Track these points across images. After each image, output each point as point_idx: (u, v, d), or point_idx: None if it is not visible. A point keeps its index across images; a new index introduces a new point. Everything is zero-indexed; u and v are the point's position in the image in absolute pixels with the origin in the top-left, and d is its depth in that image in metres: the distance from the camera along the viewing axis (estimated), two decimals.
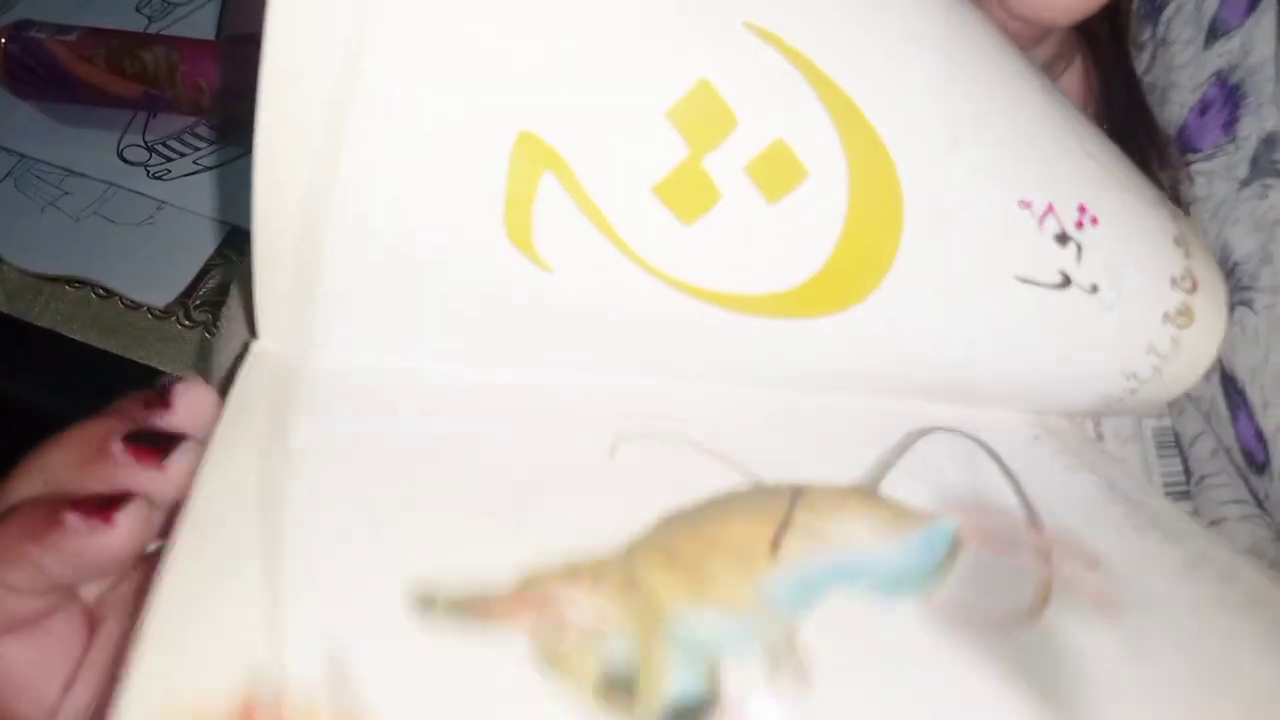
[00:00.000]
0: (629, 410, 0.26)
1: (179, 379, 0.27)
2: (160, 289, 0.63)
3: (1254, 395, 0.31)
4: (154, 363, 0.61)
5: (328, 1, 0.21)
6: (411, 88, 0.22)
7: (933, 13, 0.25)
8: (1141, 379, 0.29)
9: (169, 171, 0.66)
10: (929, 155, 0.24)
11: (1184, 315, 0.28)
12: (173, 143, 0.68)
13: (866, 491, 0.26)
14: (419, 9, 0.21)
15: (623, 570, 0.21)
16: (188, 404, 0.26)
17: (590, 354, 0.26)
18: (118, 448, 0.24)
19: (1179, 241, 0.29)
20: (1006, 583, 0.24)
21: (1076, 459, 0.30)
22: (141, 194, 0.66)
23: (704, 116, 0.22)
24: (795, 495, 0.24)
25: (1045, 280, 0.26)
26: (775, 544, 0.23)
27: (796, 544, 0.23)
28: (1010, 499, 0.27)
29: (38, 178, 0.67)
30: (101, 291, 0.63)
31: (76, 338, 0.63)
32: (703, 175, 0.23)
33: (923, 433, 0.28)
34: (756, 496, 0.24)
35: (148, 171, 0.67)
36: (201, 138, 0.68)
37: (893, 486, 0.26)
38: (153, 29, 0.72)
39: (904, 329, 0.26)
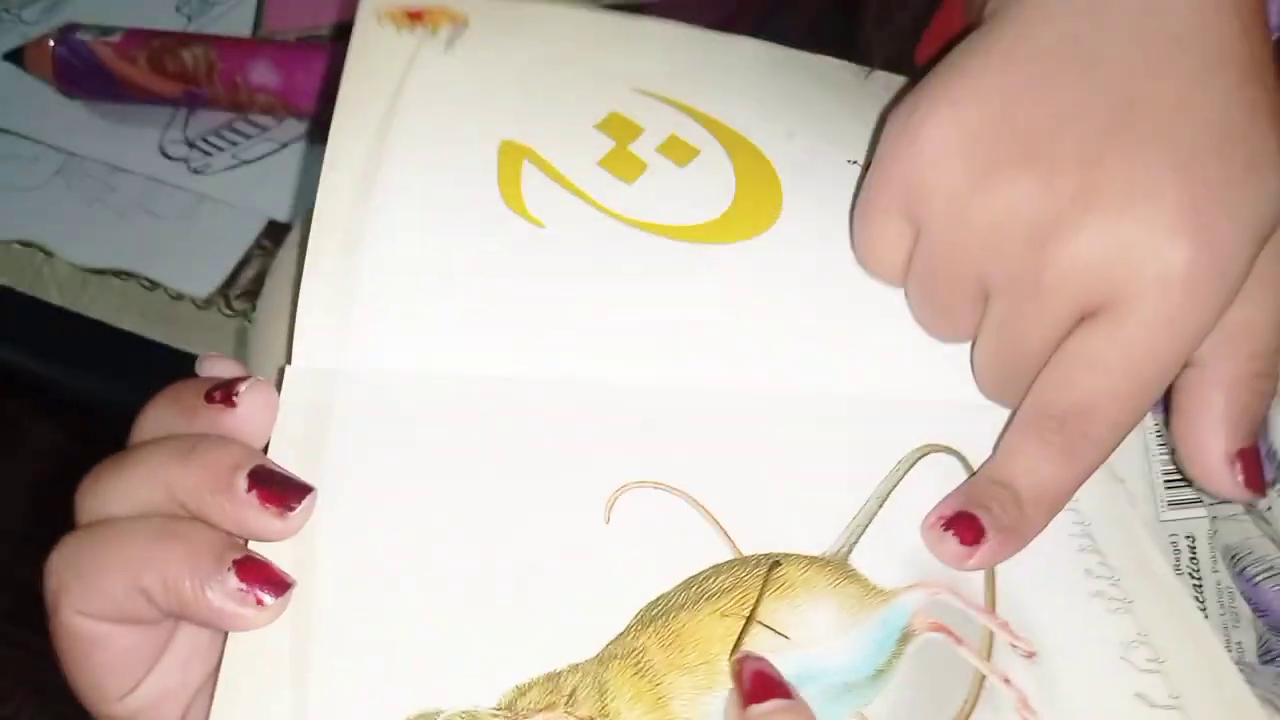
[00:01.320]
0: (633, 451, 0.29)
1: (241, 379, 0.27)
2: (202, 279, 0.66)
3: (1273, 415, 0.32)
4: (197, 349, 0.64)
5: (382, 61, 0.35)
6: (427, 119, 0.34)
7: (764, 62, 0.39)
8: None
9: (209, 166, 0.69)
10: (777, 140, 0.36)
11: None
12: (212, 138, 0.70)
13: (837, 564, 0.28)
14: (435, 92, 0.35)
15: (595, 677, 0.25)
16: (252, 406, 0.27)
17: (578, 298, 0.32)
18: (243, 485, 0.25)
19: None
20: (941, 686, 0.26)
21: None
22: (183, 188, 0.69)
23: (620, 126, 0.35)
24: (770, 572, 0.27)
25: None
26: (736, 653, 0.26)
27: (757, 649, 0.26)
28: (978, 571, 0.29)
29: (85, 174, 0.70)
30: (146, 283, 0.66)
31: (124, 327, 0.65)
32: (630, 154, 0.35)
33: (919, 455, 0.31)
34: (733, 576, 0.27)
35: (189, 166, 0.69)
36: (240, 133, 0.70)
37: (867, 552, 0.29)
38: (191, 28, 0.75)
39: (805, 246, 0.34)
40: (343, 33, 0.72)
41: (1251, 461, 0.29)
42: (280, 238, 0.66)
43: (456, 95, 0.35)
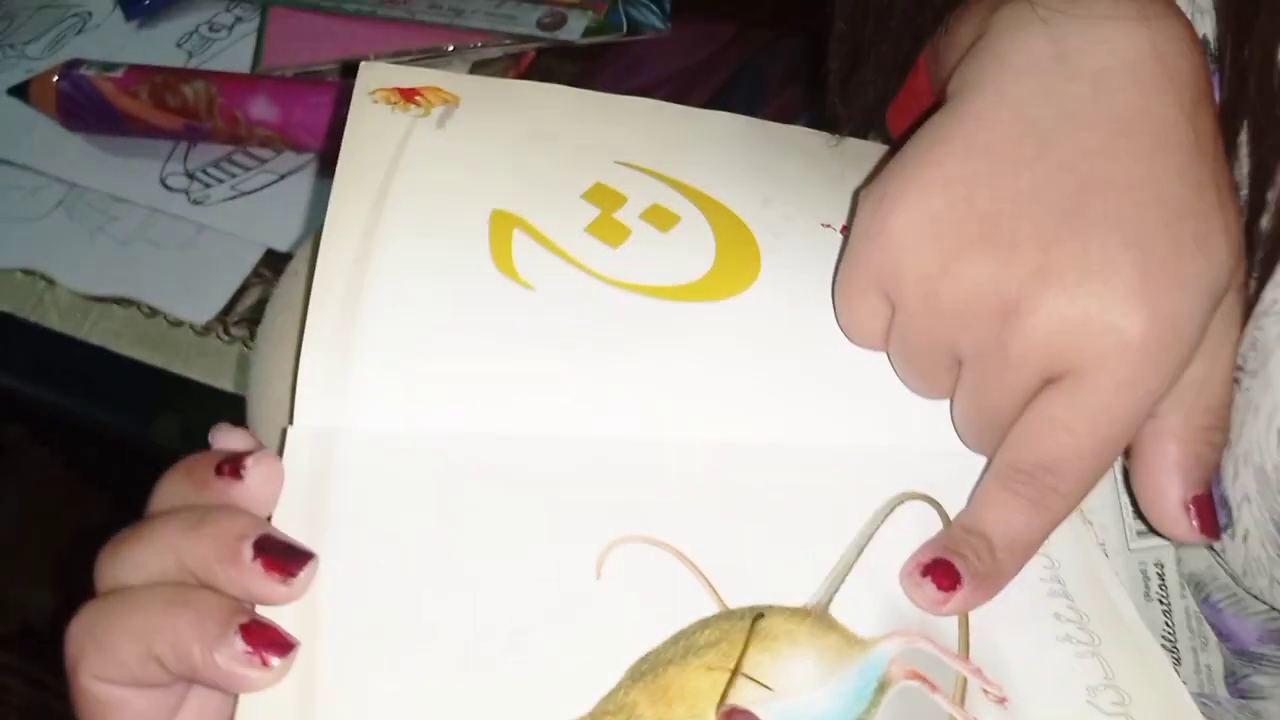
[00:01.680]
0: (622, 507, 0.31)
1: (248, 452, 0.29)
2: (200, 307, 0.67)
3: (1224, 465, 0.33)
4: (196, 375, 0.66)
5: (378, 137, 0.37)
6: (422, 190, 0.36)
7: (739, 135, 0.41)
8: None
9: (208, 197, 0.71)
10: (753, 206, 0.38)
11: None
12: (211, 170, 0.72)
13: (818, 614, 0.30)
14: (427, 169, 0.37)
15: None
16: (258, 478, 0.29)
17: (569, 356, 0.33)
18: (248, 554, 0.27)
19: None
20: None
21: None
22: (183, 218, 0.70)
23: (604, 195, 0.37)
24: (754, 624, 0.29)
25: None
26: (722, 706, 0.27)
27: (742, 702, 0.27)
28: (952, 616, 0.31)
29: (87, 205, 0.71)
30: (146, 310, 0.68)
31: (124, 353, 0.67)
32: (615, 221, 0.37)
33: (896, 503, 0.32)
34: (719, 630, 0.29)
35: (189, 197, 0.71)
36: (239, 165, 0.72)
37: (846, 601, 0.30)
38: (192, 64, 0.76)
39: (785, 305, 0.36)
40: (348, 70, 0.74)
41: (1205, 507, 0.31)
42: (278, 266, 0.67)
43: (449, 169, 0.37)
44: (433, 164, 0.37)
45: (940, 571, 0.30)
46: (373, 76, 0.39)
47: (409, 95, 0.39)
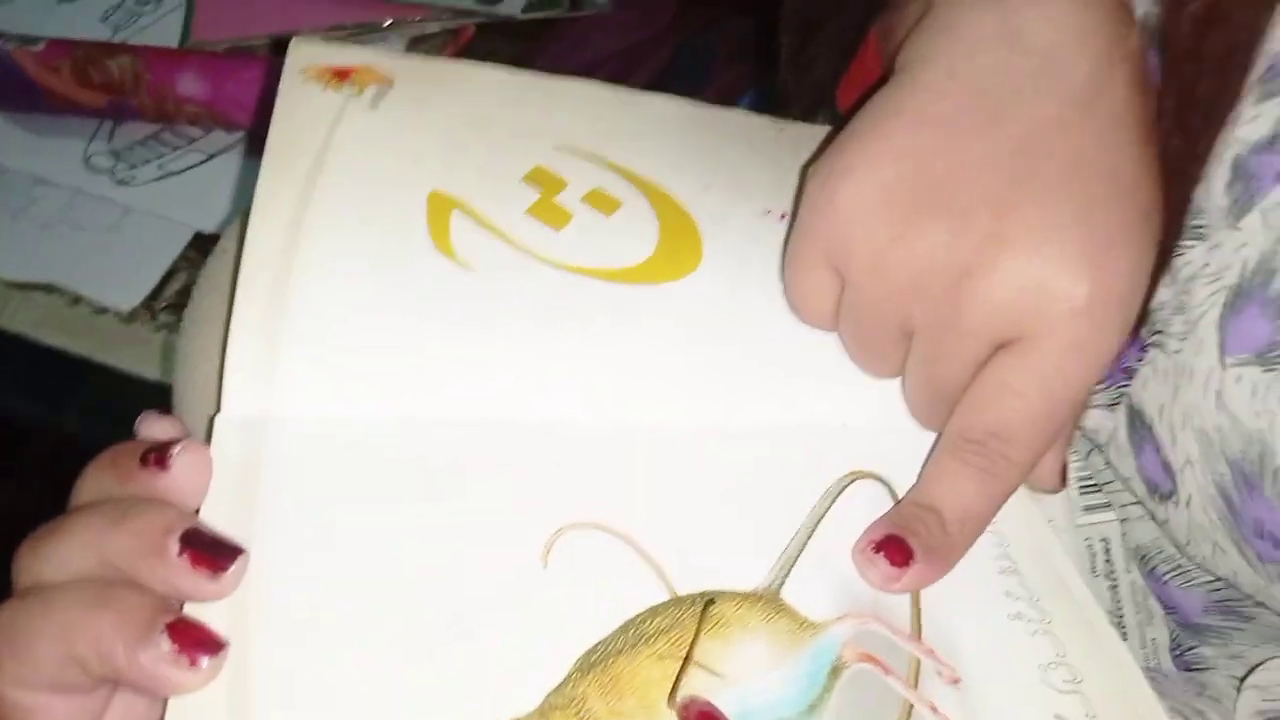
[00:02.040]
0: (567, 493, 0.30)
1: (174, 441, 0.27)
2: (127, 293, 0.65)
3: (1161, 431, 0.33)
4: (121, 365, 0.64)
5: (309, 117, 0.36)
6: (354, 171, 0.35)
7: (680, 119, 0.41)
8: None
9: (134, 178, 0.69)
10: (694, 192, 0.38)
11: None
12: (138, 149, 0.70)
13: (769, 598, 0.29)
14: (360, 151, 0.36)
15: None
16: (184, 468, 0.27)
17: (510, 335, 0.32)
18: (174, 548, 0.25)
19: None
20: (872, 715, 0.27)
21: None
22: (108, 200, 0.68)
23: (545, 178, 0.37)
24: (704, 611, 0.28)
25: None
26: (674, 695, 0.27)
27: (694, 691, 0.27)
28: (902, 595, 0.30)
29: (6, 187, 0.68)
30: (69, 296, 0.65)
31: (46, 342, 0.65)
32: (556, 205, 0.36)
33: (846, 482, 0.32)
34: (669, 617, 0.28)
35: (114, 178, 0.69)
36: (166, 144, 0.70)
37: (798, 584, 0.29)
38: (118, 38, 0.74)
39: (726, 290, 0.35)
40: (280, 46, 0.72)
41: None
42: (206, 249, 0.64)
43: (383, 149, 0.36)
44: (366, 146, 0.35)
45: (893, 548, 0.29)
46: (304, 54, 0.38)
47: (341, 75, 0.37)
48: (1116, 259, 0.29)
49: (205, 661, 0.25)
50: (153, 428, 0.29)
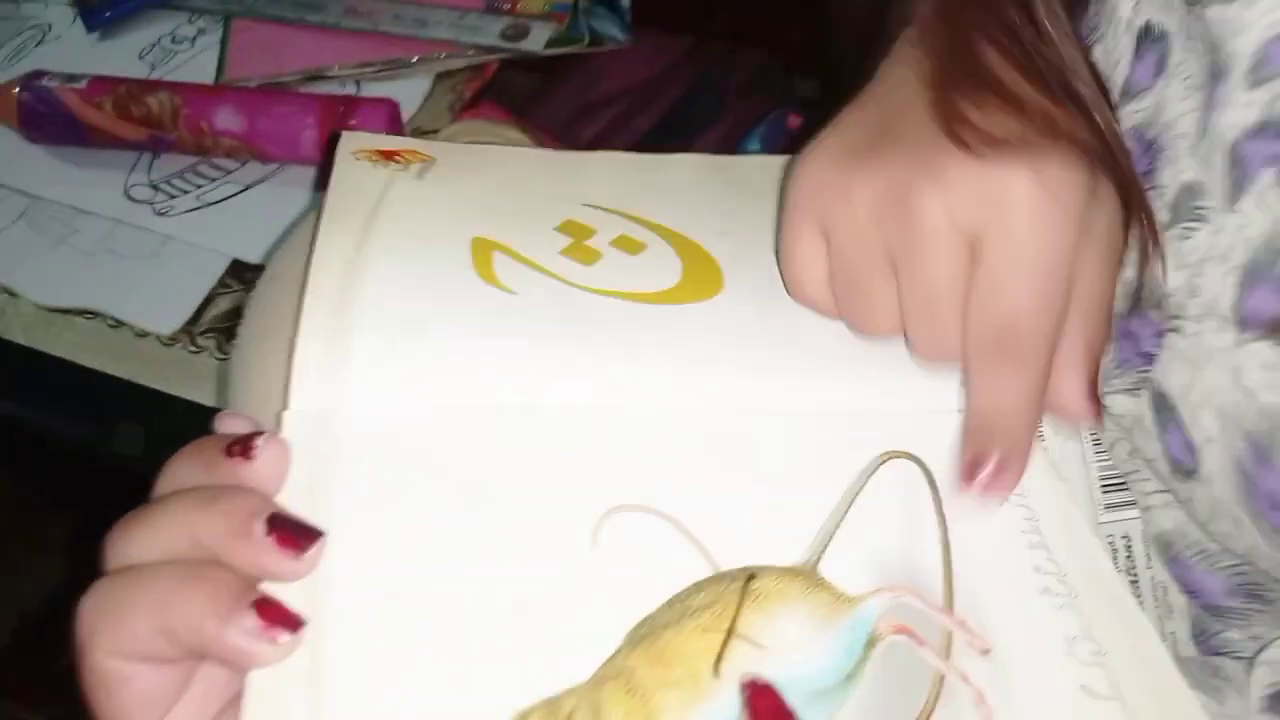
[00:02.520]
0: (616, 477, 0.32)
1: (258, 434, 0.29)
2: (167, 318, 0.67)
3: (1184, 411, 0.35)
4: (162, 387, 0.65)
5: (361, 183, 0.40)
6: (405, 221, 0.38)
7: (695, 175, 0.45)
8: None
9: (173, 208, 0.71)
10: (712, 236, 0.41)
11: None
12: (176, 181, 0.72)
13: (808, 572, 0.31)
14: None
15: (591, 699, 0.27)
16: (268, 459, 0.29)
17: (554, 335, 0.35)
18: (261, 530, 0.27)
19: None
20: (905, 686, 0.29)
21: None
22: (148, 229, 0.70)
23: (575, 228, 0.40)
24: (746, 585, 0.30)
25: None
26: (718, 665, 0.28)
27: (738, 661, 0.28)
28: (935, 569, 0.32)
29: (50, 217, 0.71)
30: (112, 321, 0.67)
31: (89, 365, 0.66)
32: (587, 248, 0.39)
33: (880, 462, 0.34)
34: (713, 592, 0.30)
35: (153, 209, 0.71)
36: (203, 175, 0.72)
37: (834, 559, 0.31)
38: (155, 75, 0.76)
39: (752, 309, 0.37)
40: (311, 79, 0.75)
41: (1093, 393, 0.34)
42: (244, 276, 0.67)
43: (430, 207, 0.40)
44: (414, 203, 0.39)
45: (979, 466, 0.32)
46: (353, 141, 0.42)
47: (389, 155, 0.42)
48: (1044, 161, 0.32)
49: (285, 637, 0.26)
50: (231, 424, 0.31)
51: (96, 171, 0.72)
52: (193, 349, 0.66)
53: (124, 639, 0.27)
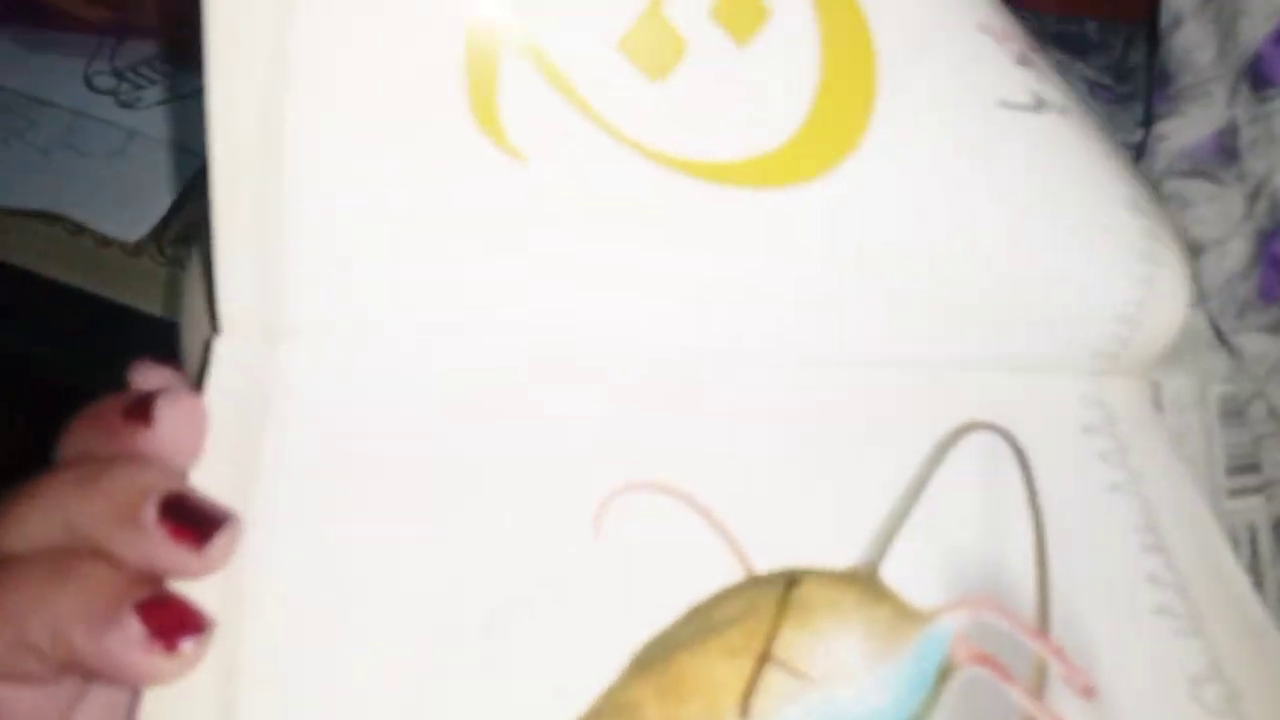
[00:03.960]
0: (625, 445, 0.25)
1: (159, 392, 0.24)
2: (132, 223, 0.61)
3: None
4: (127, 300, 0.60)
5: None
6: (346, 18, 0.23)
7: None
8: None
9: (140, 100, 0.64)
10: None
11: None
12: (143, 69, 0.65)
13: (865, 578, 0.24)
14: None
15: None
16: (173, 423, 0.24)
17: (564, 253, 0.26)
18: (151, 515, 0.22)
19: None
20: None
21: (1123, 470, 0.27)
22: (111, 123, 0.64)
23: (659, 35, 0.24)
24: (786, 594, 0.23)
25: (1022, 101, 0.26)
26: (747, 701, 0.22)
27: (773, 696, 0.22)
28: (1027, 577, 0.25)
29: (3, 108, 0.64)
30: (71, 227, 0.61)
31: (47, 275, 0.61)
32: (667, 24, 0.24)
33: (957, 436, 0.26)
34: (744, 601, 0.23)
35: (117, 100, 0.64)
36: (173, 65, 0.65)
37: (899, 561, 0.24)
38: None
39: (898, 179, 0.25)
40: None
41: None
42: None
43: None
44: None
45: None
46: None
47: None
48: None
49: (187, 645, 0.21)
50: (147, 378, 0.26)
51: (54, 57, 0.65)
52: (160, 260, 0.60)
53: None
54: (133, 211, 0.61)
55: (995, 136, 0.26)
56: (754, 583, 0.24)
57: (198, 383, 0.26)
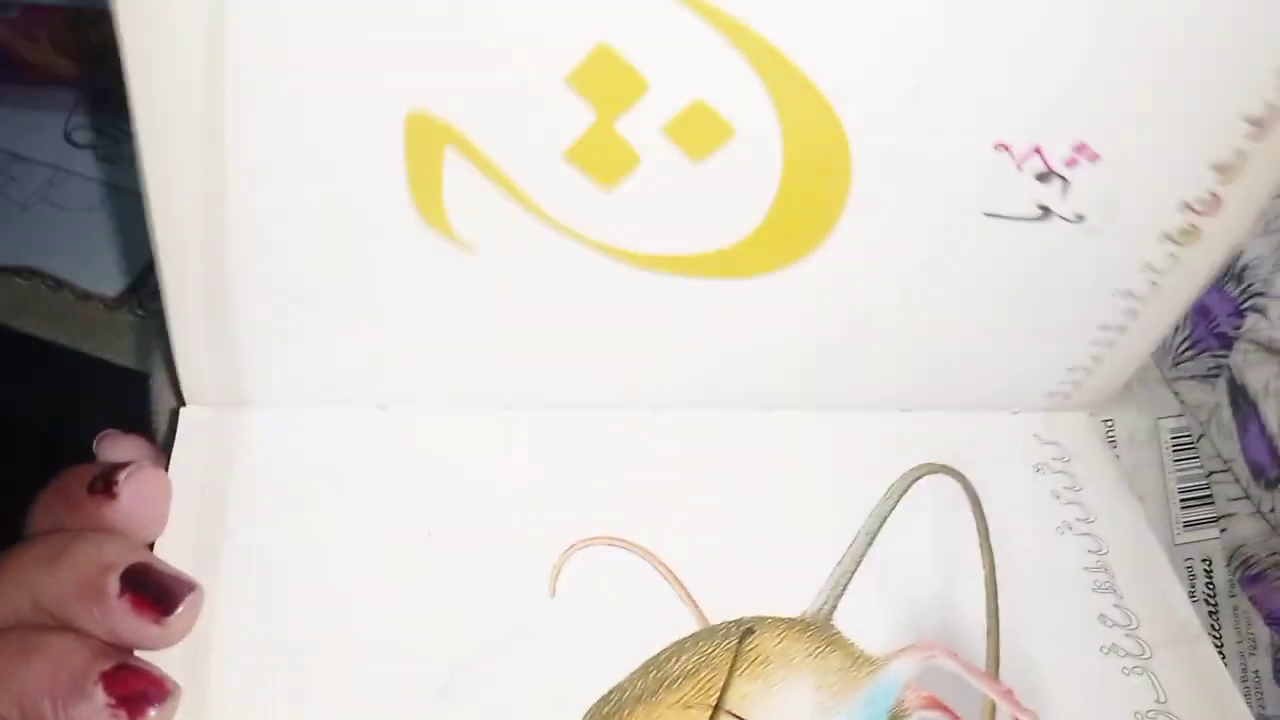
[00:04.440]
0: (579, 496, 0.25)
1: (123, 465, 0.24)
2: (111, 277, 0.61)
3: (1267, 410, 0.29)
4: (106, 355, 0.60)
5: None
6: (280, 71, 0.22)
7: None
8: (1138, 296, 0.27)
9: (119, 154, 0.64)
10: (882, 105, 0.23)
11: (1187, 235, 0.26)
12: (122, 124, 0.65)
13: (819, 626, 0.25)
14: None
15: None
16: (136, 496, 0.24)
17: (531, 344, 0.26)
18: (114, 589, 0.22)
19: (1222, 168, 0.25)
20: None
21: (1075, 508, 0.27)
22: (90, 178, 0.64)
23: (608, 80, 0.21)
24: (741, 644, 0.24)
25: (1019, 214, 0.25)
26: None
27: None
28: (977, 619, 0.25)
29: None
30: (51, 282, 0.61)
31: (26, 330, 0.60)
32: (616, 138, 0.23)
33: (912, 478, 0.27)
34: (698, 654, 0.24)
35: (96, 154, 0.64)
36: None
37: (854, 606, 0.25)
38: (99, 3, 0.69)
39: (860, 276, 0.25)
40: None
41: None
42: None
43: (324, 24, 0.21)
44: (284, 33, 0.21)
45: None
46: None
47: None
48: None
49: (152, 712, 0.21)
50: (114, 449, 0.26)
51: (33, 113, 0.65)
52: (140, 313, 0.60)
53: None
54: (112, 265, 0.61)
55: (973, 242, 0.25)
56: (707, 634, 0.24)
57: (166, 446, 0.26)
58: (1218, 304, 0.31)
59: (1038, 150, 0.24)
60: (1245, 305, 0.30)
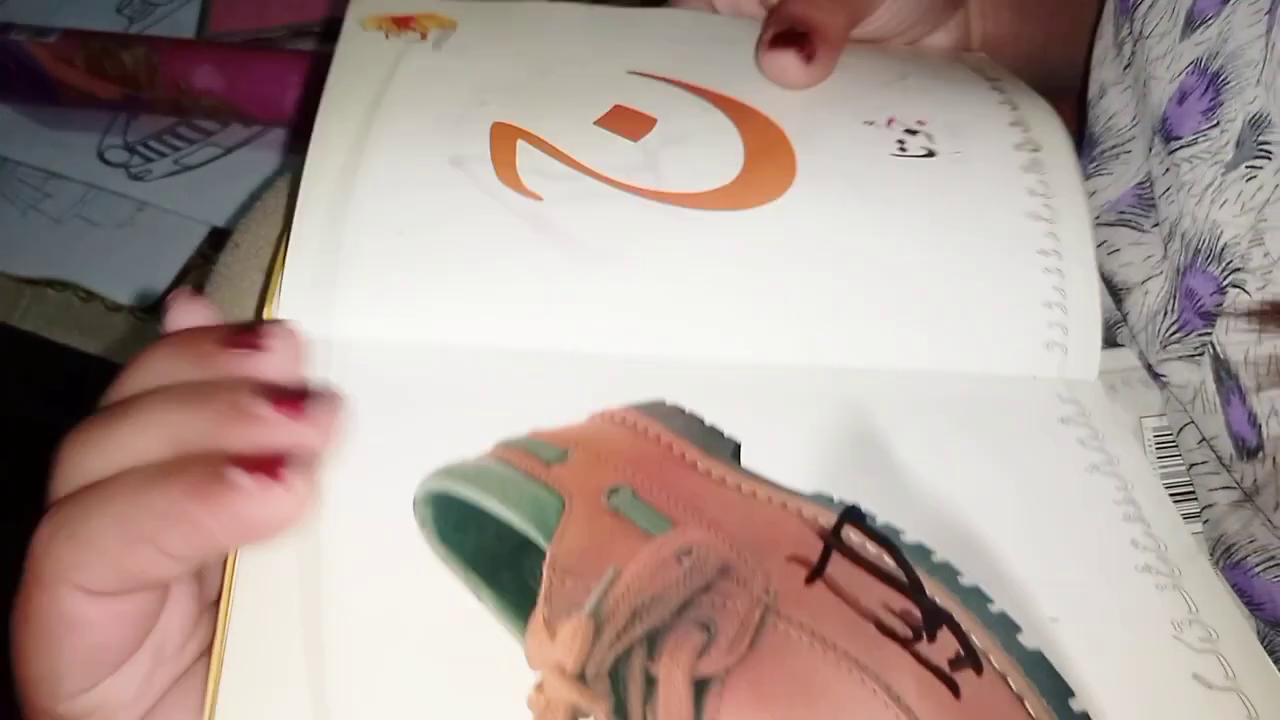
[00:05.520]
0: None
1: (265, 322, 0.25)
2: (142, 290, 0.63)
3: (1246, 378, 0.31)
4: None
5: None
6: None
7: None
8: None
9: (150, 172, 0.67)
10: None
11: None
12: (153, 143, 0.68)
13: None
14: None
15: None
16: (284, 352, 0.24)
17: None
18: (262, 407, 0.22)
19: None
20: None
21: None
22: (122, 195, 0.66)
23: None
24: None
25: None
26: None
27: None
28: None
29: (19, 180, 0.67)
30: (83, 294, 0.63)
31: (58, 340, 0.63)
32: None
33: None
34: None
35: (128, 173, 0.67)
36: (182, 138, 0.68)
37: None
38: (133, 30, 0.72)
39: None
40: (298, 34, 0.70)
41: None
42: (223, 245, 0.63)
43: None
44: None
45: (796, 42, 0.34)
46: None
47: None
48: None
49: (290, 474, 0.22)
50: (189, 311, 0.26)
51: (68, 133, 0.68)
52: None
53: (89, 565, 0.22)
54: (142, 279, 0.64)
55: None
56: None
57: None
58: (1201, 284, 0.33)
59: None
60: (1226, 282, 0.32)
